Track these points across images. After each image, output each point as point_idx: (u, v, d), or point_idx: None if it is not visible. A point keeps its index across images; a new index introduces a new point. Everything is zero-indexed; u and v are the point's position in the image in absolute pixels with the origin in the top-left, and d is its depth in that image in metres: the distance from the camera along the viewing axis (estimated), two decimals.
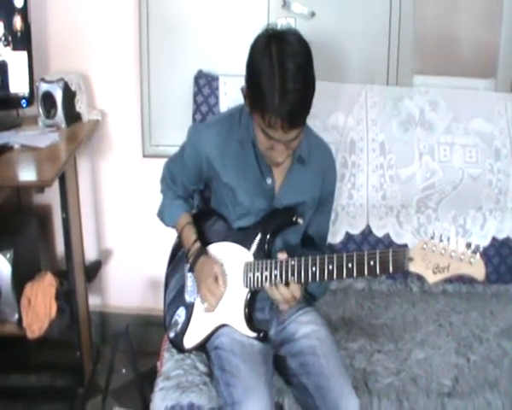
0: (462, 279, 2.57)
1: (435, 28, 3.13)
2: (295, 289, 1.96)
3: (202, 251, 2.11)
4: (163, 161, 2.33)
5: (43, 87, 2.70)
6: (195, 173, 2.17)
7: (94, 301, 3.12)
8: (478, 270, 1.72)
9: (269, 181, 2.07)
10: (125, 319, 3.01)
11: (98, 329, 3.16)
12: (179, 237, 2.23)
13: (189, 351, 2.15)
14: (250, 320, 2.04)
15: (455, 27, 3.17)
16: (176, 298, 2.22)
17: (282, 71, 1.78)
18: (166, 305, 2.27)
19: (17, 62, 2.68)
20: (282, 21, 2.70)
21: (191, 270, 2.14)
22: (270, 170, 2.06)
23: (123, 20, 2.81)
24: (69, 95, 2.75)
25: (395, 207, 2.66)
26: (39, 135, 2.67)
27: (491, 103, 2.72)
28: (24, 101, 2.72)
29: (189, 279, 2.18)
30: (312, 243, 2.20)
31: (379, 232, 2.66)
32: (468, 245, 1.73)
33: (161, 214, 2.29)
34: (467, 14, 3.16)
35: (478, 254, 1.72)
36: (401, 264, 1.79)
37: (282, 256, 1.98)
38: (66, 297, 2.69)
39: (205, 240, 2.16)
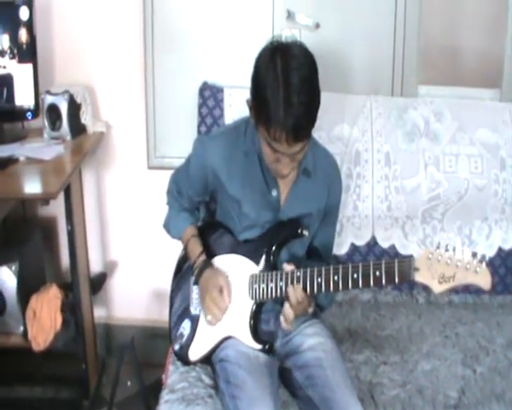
0: (468, 290, 2.56)
1: (440, 38, 3.13)
2: (300, 293, 1.94)
3: (207, 264, 2.10)
4: (168, 173, 2.33)
5: (49, 99, 2.72)
6: (201, 185, 2.17)
7: (99, 313, 3.12)
8: (484, 279, 1.71)
9: (274, 193, 2.07)
10: (130, 331, 3.00)
11: (103, 341, 3.16)
12: (185, 249, 2.23)
13: (195, 363, 2.14)
14: (255, 332, 2.03)
15: (459, 37, 3.17)
16: (181, 311, 2.22)
17: (287, 84, 1.78)
18: (172, 317, 2.26)
19: (22, 75, 2.69)
20: (286, 33, 2.71)
21: (196, 283, 2.14)
22: (275, 182, 2.05)
23: (128, 32, 2.82)
24: (74, 107, 2.76)
25: (400, 218, 2.65)
26: (44, 147, 2.68)
27: (496, 113, 2.71)
28: (29, 113, 2.73)
29: (195, 292, 2.18)
30: (317, 255, 2.20)
31: (384, 243, 2.65)
32: (474, 255, 1.72)
33: (167, 226, 2.29)
34: (471, 25, 3.16)
35: (484, 264, 1.71)
36: (407, 274, 1.78)
37: (289, 268, 1.98)
38: (72, 309, 2.69)
39: (210, 252, 2.15)
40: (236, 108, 2.66)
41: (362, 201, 2.65)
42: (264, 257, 2.05)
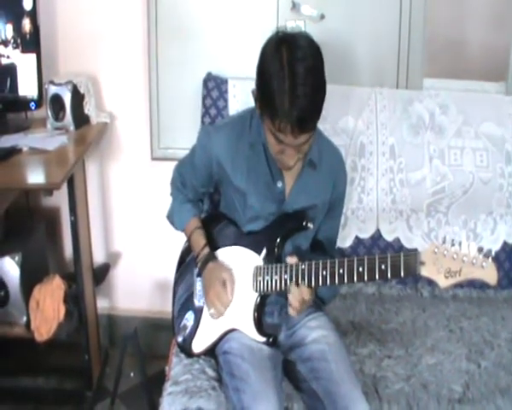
0: (472, 284, 2.56)
1: (445, 31, 3.13)
2: (305, 292, 1.95)
3: (211, 256, 2.10)
4: (171, 164, 2.32)
5: (52, 90, 2.71)
6: (206, 175, 2.16)
7: (102, 304, 3.12)
8: (490, 274, 1.71)
9: (279, 185, 2.06)
10: (134, 321, 3.00)
11: (106, 332, 3.16)
12: (188, 241, 2.22)
13: (198, 356, 2.14)
14: (259, 325, 2.03)
15: (465, 30, 3.17)
16: (184, 302, 2.21)
17: (292, 76, 1.77)
18: (175, 309, 2.26)
19: (26, 65, 2.68)
20: (291, 24, 2.69)
21: (199, 275, 2.13)
22: (280, 173, 2.04)
23: (132, 22, 2.81)
24: (78, 97, 2.75)
25: (405, 211, 2.64)
26: (48, 138, 2.67)
27: (501, 107, 2.70)
28: (33, 103, 2.72)
29: (198, 284, 2.17)
30: (322, 248, 2.19)
31: (389, 237, 2.65)
32: (480, 249, 1.72)
33: (171, 217, 2.28)
34: (477, 17, 3.16)
35: (490, 259, 1.71)
36: (412, 268, 1.78)
37: (292, 260, 1.97)
38: (75, 300, 2.69)
39: (214, 244, 2.15)
40: (240, 99, 2.65)
41: (366, 193, 2.64)
42: (268, 249, 2.05)
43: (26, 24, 2.65)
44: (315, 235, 2.19)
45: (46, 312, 2.61)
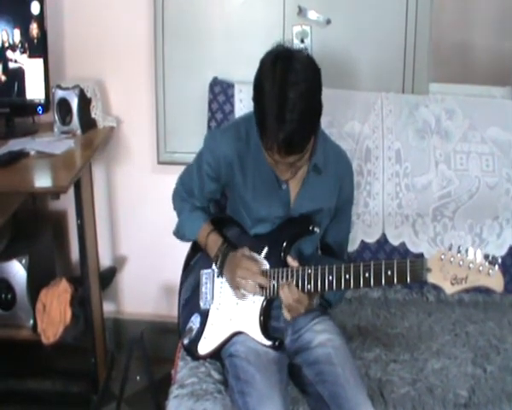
0: (478, 289, 2.53)
1: (451, 35, 3.12)
2: (303, 298, 1.96)
3: (230, 249, 2.09)
4: (178, 168, 2.32)
5: (59, 94, 2.72)
6: (214, 179, 2.14)
7: (108, 308, 3.13)
8: (497, 282, 1.72)
9: (284, 186, 2.06)
10: (140, 325, 3.01)
11: (113, 335, 3.17)
12: (204, 245, 2.18)
13: (204, 358, 2.14)
14: (265, 328, 2.04)
15: (471, 35, 3.16)
16: (190, 305, 2.22)
17: (282, 100, 1.76)
18: (180, 312, 2.26)
19: (33, 69, 2.70)
20: (297, 29, 2.69)
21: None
22: None
23: (138, 27, 2.82)
24: (85, 102, 2.76)
25: (411, 215, 2.64)
26: (55, 142, 2.68)
27: (507, 111, 2.70)
28: (40, 108, 2.74)
29: (204, 286, 2.18)
30: (331, 252, 2.21)
31: (394, 241, 2.65)
32: (486, 256, 1.72)
33: (181, 230, 2.25)
34: (483, 22, 3.15)
35: (496, 266, 1.71)
36: (419, 274, 1.78)
37: (294, 264, 1.98)
38: (81, 303, 2.71)
39: None
40: (247, 103, 2.65)
41: (372, 198, 2.65)
42: (274, 254, 2.05)
43: (34, 29, 2.66)
44: (325, 239, 2.20)
45: (53, 315, 2.62)
